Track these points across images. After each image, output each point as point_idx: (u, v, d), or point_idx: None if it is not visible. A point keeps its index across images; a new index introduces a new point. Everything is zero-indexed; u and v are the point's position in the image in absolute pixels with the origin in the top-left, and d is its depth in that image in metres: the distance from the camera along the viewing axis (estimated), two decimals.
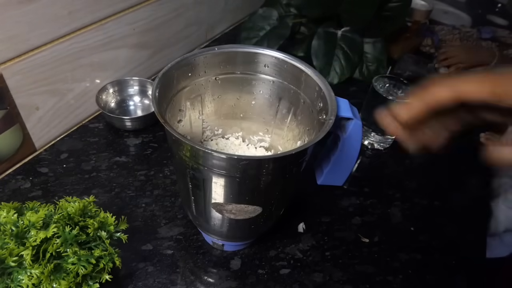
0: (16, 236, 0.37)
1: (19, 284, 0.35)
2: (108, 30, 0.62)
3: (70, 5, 0.54)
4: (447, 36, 0.92)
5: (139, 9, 0.66)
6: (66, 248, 0.38)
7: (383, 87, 0.66)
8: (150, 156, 0.61)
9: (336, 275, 0.49)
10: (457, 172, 0.66)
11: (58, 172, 0.56)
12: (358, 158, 0.46)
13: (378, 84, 0.64)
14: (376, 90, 0.63)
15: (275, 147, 0.51)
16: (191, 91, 0.45)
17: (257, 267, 0.48)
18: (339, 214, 0.56)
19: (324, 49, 0.81)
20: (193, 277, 0.47)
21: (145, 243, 0.49)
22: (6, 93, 0.51)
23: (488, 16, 1.19)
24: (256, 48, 0.44)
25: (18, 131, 0.55)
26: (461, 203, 0.60)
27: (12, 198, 0.52)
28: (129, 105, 0.70)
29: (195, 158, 0.35)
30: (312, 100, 0.42)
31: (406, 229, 0.55)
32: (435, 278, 0.50)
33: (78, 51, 0.58)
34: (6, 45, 0.49)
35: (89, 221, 0.40)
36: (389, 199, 0.59)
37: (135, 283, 0.45)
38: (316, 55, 0.81)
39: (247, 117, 0.51)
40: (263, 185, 0.37)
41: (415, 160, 0.67)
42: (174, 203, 0.54)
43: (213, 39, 0.94)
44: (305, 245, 0.52)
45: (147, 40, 0.72)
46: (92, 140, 0.62)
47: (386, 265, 0.50)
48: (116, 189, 0.55)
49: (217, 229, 0.44)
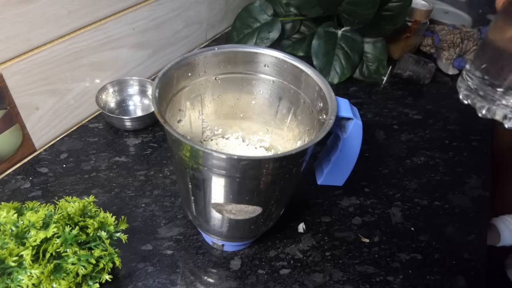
0: (16, 236, 0.37)
1: (19, 284, 0.35)
2: (107, 30, 0.62)
3: (70, 5, 0.54)
4: (447, 36, 0.92)
5: (138, 9, 0.66)
6: (66, 248, 0.38)
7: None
8: (150, 156, 0.61)
9: (336, 275, 0.49)
10: (457, 172, 0.66)
11: (58, 172, 0.56)
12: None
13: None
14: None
15: (275, 147, 0.51)
16: (191, 91, 0.45)
17: (257, 267, 0.48)
18: (339, 214, 0.56)
19: (324, 49, 0.81)
20: (193, 277, 0.46)
21: (145, 243, 0.49)
22: (6, 93, 0.51)
23: (488, 16, 1.19)
24: (256, 48, 0.44)
25: (17, 131, 0.55)
26: (461, 203, 0.60)
27: (12, 198, 0.52)
28: (129, 105, 0.69)
29: (195, 158, 0.35)
30: (312, 100, 0.42)
31: (406, 229, 0.55)
32: (435, 278, 0.50)
33: (77, 51, 0.58)
34: (6, 45, 0.49)
35: (89, 221, 0.40)
36: (389, 199, 0.59)
37: (135, 283, 0.45)
38: (316, 55, 0.81)
39: (247, 117, 0.51)
40: (263, 185, 0.37)
41: (416, 160, 0.67)
42: (174, 203, 0.54)
43: (213, 39, 0.94)
44: (305, 245, 0.52)
45: (146, 40, 0.72)
46: (92, 140, 0.62)
47: (386, 265, 0.50)
48: (116, 189, 0.55)
49: (217, 229, 0.43)
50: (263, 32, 0.84)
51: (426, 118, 0.77)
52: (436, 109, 0.80)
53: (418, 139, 0.72)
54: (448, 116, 0.79)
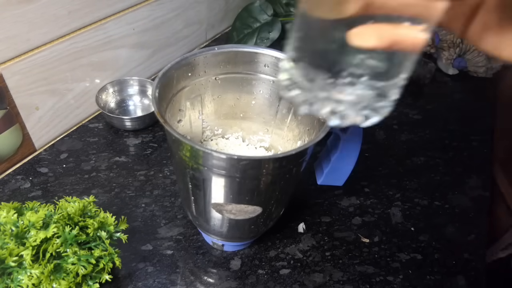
0: (16, 236, 0.37)
1: (19, 284, 0.35)
2: (107, 30, 0.62)
3: (70, 5, 0.54)
4: (447, 36, 0.92)
5: (138, 8, 0.66)
6: (66, 248, 0.38)
7: None
8: (150, 156, 0.61)
9: (336, 275, 0.49)
10: (457, 172, 0.66)
11: (58, 172, 0.56)
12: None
13: None
14: None
15: (275, 147, 0.51)
16: (191, 91, 0.45)
17: (257, 267, 0.48)
18: (339, 214, 0.56)
19: None
20: (193, 277, 0.46)
21: (145, 243, 0.49)
22: (6, 93, 0.51)
23: None
24: (256, 48, 0.44)
25: (17, 131, 0.55)
26: (461, 203, 0.60)
27: (12, 198, 0.52)
28: (129, 105, 0.69)
29: (195, 158, 0.35)
30: None
31: (406, 229, 0.55)
32: (435, 278, 0.50)
33: (77, 51, 0.58)
34: (6, 45, 0.49)
35: (89, 221, 0.40)
36: (389, 199, 0.59)
37: (135, 283, 0.45)
38: None
39: (247, 117, 0.51)
40: (263, 185, 0.37)
41: (415, 160, 0.67)
42: (174, 203, 0.54)
43: (213, 39, 0.94)
44: (305, 245, 0.52)
45: (146, 40, 0.72)
46: (92, 140, 0.62)
47: (386, 265, 0.50)
48: (116, 189, 0.55)
49: (217, 229, 0.43)
50: (263, 32, 0.84)
51: (426, 118, 0.77)
52: (436, 109, 0.80)
53: (418, 139, 0.72)
54: (448, 116, 0.79)
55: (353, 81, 0.21)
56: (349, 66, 0.21)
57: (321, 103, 0.23)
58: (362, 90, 0.22)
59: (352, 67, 0.21)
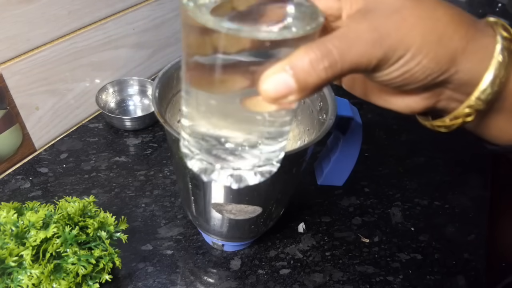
0: (16, 236, 0.37)
1: (19, 284, 0.35)
2: (107, 30, 0.62)
3: (70, 5, 0.54)
4: None
5: (138, 8, 0.66)
6: (66, 248, 0.38)
7: None
8: (150, 156, 0.61)
9: (336, 275, 0.49)
10: (457, 172, 0.66)
11: (58, 172, 0.56)
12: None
13: None
14: None
15: None
16: None
17: (257, 267, 0.48)
18: (339, 214, 0.56)
19: None
20: (193, 277, 0.46)
21: (145, 243, 0.49)
22: (6, 93, 0.51)
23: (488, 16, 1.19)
24: None
25: (17, 131, 0.55)
26: (461, 203, 0.60)
27: (12, 198, 0.52)
28: (129, 105, 0.69)
29: None
30: (312, 100, 0.42)
31: (406, 229, 0.55)
32: (435, 278, 0.50)
33: (77, 51, 0.58)
34: (6, 45, 0.49)
35: (89, 221, 0.40)
36: (389, 199, 0.59)
37: (135, 283, 0.45)
38: None
39: None
40: (263, 185, 0.37)
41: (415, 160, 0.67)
42: (174, 203, 0.54)
43: None
44: (305, 245, 0.52)
45: (146, 39, 0.71)
46: (92, 140, 0.62)
47: (386, 265, 0.50)
48: (116, 189, 0.55)
49: (217, 229, 0.43)
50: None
51: None
52: None
53: (418, 139, 0.72)
54: None
55: (243, 150, 0.22)
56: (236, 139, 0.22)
57: (218, 172, 0.23)
58: (256, 155, 0.23)
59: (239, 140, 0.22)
